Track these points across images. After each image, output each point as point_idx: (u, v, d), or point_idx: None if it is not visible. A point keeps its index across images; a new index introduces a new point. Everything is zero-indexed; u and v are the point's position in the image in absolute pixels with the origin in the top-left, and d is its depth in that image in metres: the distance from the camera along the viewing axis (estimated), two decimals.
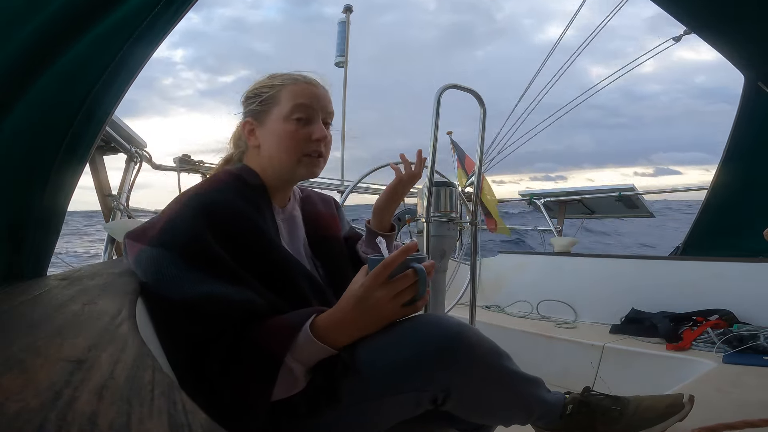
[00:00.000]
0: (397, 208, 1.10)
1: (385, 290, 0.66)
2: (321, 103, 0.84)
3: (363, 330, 0.68)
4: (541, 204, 3.50)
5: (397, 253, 0.66)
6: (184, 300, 0.64)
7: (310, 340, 0.65)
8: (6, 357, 0.30)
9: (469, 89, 1.49)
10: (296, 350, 0.65)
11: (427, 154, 1.45)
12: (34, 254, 0.71)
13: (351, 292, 0.68)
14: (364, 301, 0.66)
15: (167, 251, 0.67)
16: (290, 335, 0.65)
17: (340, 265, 0.92)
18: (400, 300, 0.67)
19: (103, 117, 0.76)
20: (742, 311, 1.79)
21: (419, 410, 0.69)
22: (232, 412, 0.62)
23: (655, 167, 53.10)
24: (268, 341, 0.64)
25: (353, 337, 0.68)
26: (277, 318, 0.68)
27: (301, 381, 0.66)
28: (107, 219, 1.77)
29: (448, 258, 1.64)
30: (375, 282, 0.66)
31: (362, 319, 0.67)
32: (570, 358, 1.89)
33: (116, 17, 0.65)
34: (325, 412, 0.67)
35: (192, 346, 0.64)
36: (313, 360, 0.66)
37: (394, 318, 0.69)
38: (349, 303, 0.67)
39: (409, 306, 0.69)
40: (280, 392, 0.64)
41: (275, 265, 0.75)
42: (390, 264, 0.66)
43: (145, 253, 0.68)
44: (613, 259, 2.36)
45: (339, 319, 0.67)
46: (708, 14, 1.94)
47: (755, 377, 1.33)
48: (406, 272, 0.67)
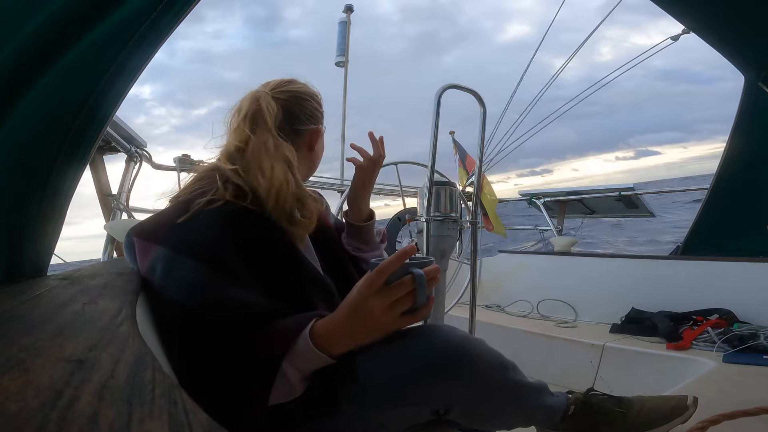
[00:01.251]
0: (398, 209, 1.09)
1: (381, 298, 0.60)
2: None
3: (358, 340, 0.63)
4: (541, 204, 3.50)
5: (392, 258, 0.60)
6: (201, 307, 0.62)
7: (309, 347, 0.62)
8: (6, 357, 0.30)
9: (469, 89, 1.49)
10: (294, 356, 0.62)
11: (427, 153, 1.45)
12: (34, 254, 0.71)
13: (348, 300, 0.64)
14: (359, 310, 0.61)
15: (188, 256, 0.64)
16: (288, 341, 0.62)
17: (338, 257, 0.92)
18: (397, 309, 0.61)
19: (105, 118, 0.76)
20: (742, 311, 1.79)
21: (420, 420, 0.69)
22: (231, 414, 0.62)
23: (635, 150, 53.42)
24: (267, 345, 0.63)
25: (348, 347, 0.63)
26: (280, 322, 0.66)
27: (297, 387, 0.64)
28: (107, 219, 1.77)
29: (448, 258, 1.64)
30: (369, 290, 0.60)
31: (357, 329, 0.62)
32: (570, 357, 1.89)
33: (118, 18, 0.65)
34: (322, 419, 0.67)
35: (199, 350, 0.62)
36: (310, 368, 0.63)
37: (392, 328, 0.63)
38: (345, 311, 0.63)
39: (408, 315, 0.63)
40: (276, 397, 0.62)
41: (296, 272, 0.74)
42: (384, 270, 0.60)
43: (161, 255, 0.66)
44: (613, 259, 2.36)
45: (335, 326, 0.63)
46: (708, 14, 1.94)
47: (755, 377, 1.33)
48: (404, 279, 0.61)
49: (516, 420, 0.78)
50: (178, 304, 0.63)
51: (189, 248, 0.65)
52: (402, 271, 0.61)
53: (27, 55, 0.58)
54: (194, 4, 0.77)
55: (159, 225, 0.70)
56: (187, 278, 0.64)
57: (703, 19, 1.99)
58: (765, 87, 2.12)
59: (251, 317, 0.64)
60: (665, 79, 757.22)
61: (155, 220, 0.71)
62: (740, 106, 2.30)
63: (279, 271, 0.72)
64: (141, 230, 0.70)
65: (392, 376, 0.64)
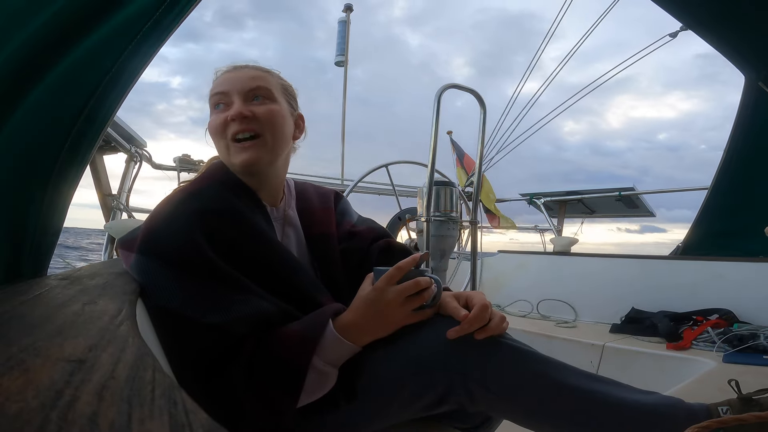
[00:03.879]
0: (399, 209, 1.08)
1: (397, 292, 0.67)
2: (238, 84, 0.76)
3: (374, 333, 0.68)
4: (541, 204, 3.50)
5: (408, 259, 0.69)
6: (182, 314, 0.62)
7: (337, 339, 0.66)
8: (6, 357, 0.30)
9: (469, 89, 1.49)
10: (324, 352, 0.65)
11: (427, 153, 1.45)
12: (34, 254, 0.71)
13: (362, 295, 0.69)
14: (376, 303, 0.67)
15: (158, 261, 0.64)
16: (314, 339, 0.64)
17: (331, 264, 0.85)
18: (410, 305, 0.68)
19: (106, 118, 0.75)
20: (742, 311, 1.79)
21: (435, 409, 0.68)
22: (255, 422, 0.62)
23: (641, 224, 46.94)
24: (290, 350, 0.63)
25: (365, 342, 0.68)
26: (293, 325, 0.67)
27: (331, 380, 0.66)
28: (107, 219, 1.77)
29: (448, 258, 1.64)
30: (389, 283, 0.67)
31: (374, 321, 0.67)
32: (570, 357, 1.89)
33: (120, 18, 0.65)
34: (322, 417, 0.67)
35: (202, 361, 0.62)
36: (343, 359, 0.67)
37: (405, 322, 0.69)
38: (362, 305, 0.68)
39: (419, 312, 0.70)
40: (311, 396, 0.65)
41: (276, 267, 0.73)
42: (402, 267, 0.67)
43: (136, 262, 0.66)
44: (613, 259, 2.36)
45: (352, 321, 0.68)
46: (708, 14, 1.94)
47: (755, 376, 1.33)
48: (417, 278, 0.69)
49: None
50: (165, 311, 0.63)
51: (160, 249, 0.65)
52: (409, 276, 0.69)
53: (28, 56, 0.58)
54: (195, 3, 0.77)
55: (138, 232, 0.69)
56: (162, 284, 0.63)
57: (704, 19, 1.99)
58: (765, 87, 2.12)
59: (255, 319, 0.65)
60: (669, 151, 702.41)
61: (139, 228, 0.71)
62: (740, 106, 2.30)
63: (254, 257, 0.71)
64: (122, 239, 0.71)
65: (406, 362, 0.67)
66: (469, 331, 0.65)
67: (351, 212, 0.97)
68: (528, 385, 0.64)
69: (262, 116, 0.75)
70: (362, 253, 0.88)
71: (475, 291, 0.74)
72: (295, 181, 0.94)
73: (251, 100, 0.77)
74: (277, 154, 0.79)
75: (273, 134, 0.76)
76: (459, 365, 0.65)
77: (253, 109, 0.75)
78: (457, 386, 0.65)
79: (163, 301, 0.63)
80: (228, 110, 0.75)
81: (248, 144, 0.75)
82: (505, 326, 0.69)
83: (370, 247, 0.89)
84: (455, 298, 0.72)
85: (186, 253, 0.64)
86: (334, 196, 0.97)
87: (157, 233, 0.67)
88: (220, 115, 0.75)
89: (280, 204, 0.85)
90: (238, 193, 0.76)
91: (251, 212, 0.75)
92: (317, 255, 0.85)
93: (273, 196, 0.83)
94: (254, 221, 0.74)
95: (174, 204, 0.70)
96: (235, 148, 0.75)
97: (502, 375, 0.64)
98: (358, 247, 0.88)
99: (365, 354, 0.69)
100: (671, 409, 0.64)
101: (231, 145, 0.75)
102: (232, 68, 0.80)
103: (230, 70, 0.80)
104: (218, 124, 0.76)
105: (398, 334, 0.69)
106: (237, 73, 0.78)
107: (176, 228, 0.66)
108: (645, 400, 0.64)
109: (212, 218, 0.69)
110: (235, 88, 0.76)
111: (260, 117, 0.75)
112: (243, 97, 0.76)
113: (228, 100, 0.76)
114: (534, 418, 0.66)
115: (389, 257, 0.85)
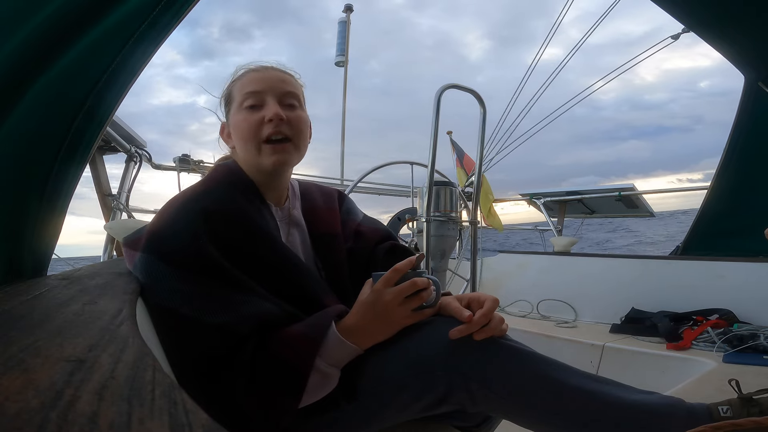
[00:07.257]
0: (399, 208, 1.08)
1: (395, 293, 0.67)
2: (271, 84, 0.77)
3: (376, 334, 0.69)
4: (541, 204, 3.50)
5: (405, 262, 0.69)
6: (185, 313, 0.62)
7: (340, 341, 0.67)
8: (6, 357, 0.30)
9: (469, 89, 1.49)
10: (326, 353, 0.66)
11: (428, 153, 1.45)
12: (34, 254, 0.71)
13: (361, 299, 0.70)
14: (375, 305, 0.68)
15: (163, 260, 0.64)
16: (316, 340, 0.65)
17: (336, 265, 0.85)
18: (409, 305, 0.68)
19: (104, 117, 0.76)
20: (742, 311, 1.79)
21: (435, 409, 0.68)
22: (256, 422, 0.62)
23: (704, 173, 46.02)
24: (292, 351, 0.64)
25: (367, 344, 0.69)
26: (296, 326, 0.67)
27: (333, 381, 0.67)
28: (107, 219, 1.77)
29: (448, 258, 1.64)
30: (386, 285, 0.68)
31: (375, 323, 0.68)
32: (570, 357, 1.89)
33: (117, 17, 0.65)
34: (322, 417, 0.68)
35: (203, 361, 0.62)
36: (345, 360, 0.68)
37: (405, 323, 0.70)
38: (362, 308, 0.68)
39: (418, 312, 0.70)
40: (313, 397, 0.65)
41: (280, 267, 0.73)
42: (399, 269, 0.68)
43: (140, 261, 0.66)
44: (613, 259, 2.36)
45: (354, 323, 0.68)
46: (708, 14, 1.94)
47: (755, 376, 1.33)
48: (414, 279, 0.69)
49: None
50: (165, 310, 0.63)
51: (165, 250, 0.65)
52: (407, 278, 0.70)
53: (26, 54, 0.58)
54: (193, 4, 0.77)
55: (144, 231, 0.70)
56: (166, 284, 0.63)
57: (704, 19, 1.99)
58: (765, 87, 2.12)
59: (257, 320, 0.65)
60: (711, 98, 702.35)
61: (145, 227, 0.71)
62: (740, 106, 2.30)
63: (258, 257, 0.71)
64: (128, 237, 0.72)
65: (406, 362, 0.67)
66: (474, 329, 0.66)
67: (356, 211, 0.98)
68: (529, 385, 0.64)
69: (293, 121, 0.77)
70: (367, 254, 0.89)
71: (475, 293, 0.74)
72: (299, 181, 0.94)
73: (284, 103, 0.78)
74: (300, 159, 0.81)
75: (300, 140, 0.79)
76: (460, 365, 0.65)
77: (287, 114, 0.77)
78: (457, 386, 0.65)
79: (166, 301, 0.63)
80: (261, 111, 0.76)
81: (280, 147, 0.76)
82: (505, 328, 0.69)
83: (375, 248, 0.90)
84: (457, 299, 0.73)
85: (190, 253, 0.64)
86: (338, 196, 0.97)
87: (162, 233, 0.67)
88: (255, 115, 0.76)
89: (285, 204, 0.85)
90: (245, 193, 0.77)
91: (256, 213, 0.75)
92: (322, 255, 0.85)
93: (279, 196, 0.84)
94: (259, 222, 0.74)
95: (180, 204, 0.70)
96: (267, 150, 0.76)
97: (503, 375, 0.64)
98: (363, 249, 0.89)
99: (366, 354, 0.69)
100: (671, 409, 0.64)
101: (263, 146, 0.76)
102: (260, 68, 0.81)
103: (260, 70, 0.80)
104: (253, 124, 0.75)
105: (399, 335, 0.70)
106: (268, 74, 0.79)
107: (181, 228, 0.66)
108: (645, 400, 0.64)
109: (217, 219, 0.69)
110: (269, 88, 0.77)
111: (292, 122, 0.77)
112: (277, 99, 0.77)
113: (261, 100, 0.77)
114: (534, 418, 0.66)
115: (394, 259, 0.84)
